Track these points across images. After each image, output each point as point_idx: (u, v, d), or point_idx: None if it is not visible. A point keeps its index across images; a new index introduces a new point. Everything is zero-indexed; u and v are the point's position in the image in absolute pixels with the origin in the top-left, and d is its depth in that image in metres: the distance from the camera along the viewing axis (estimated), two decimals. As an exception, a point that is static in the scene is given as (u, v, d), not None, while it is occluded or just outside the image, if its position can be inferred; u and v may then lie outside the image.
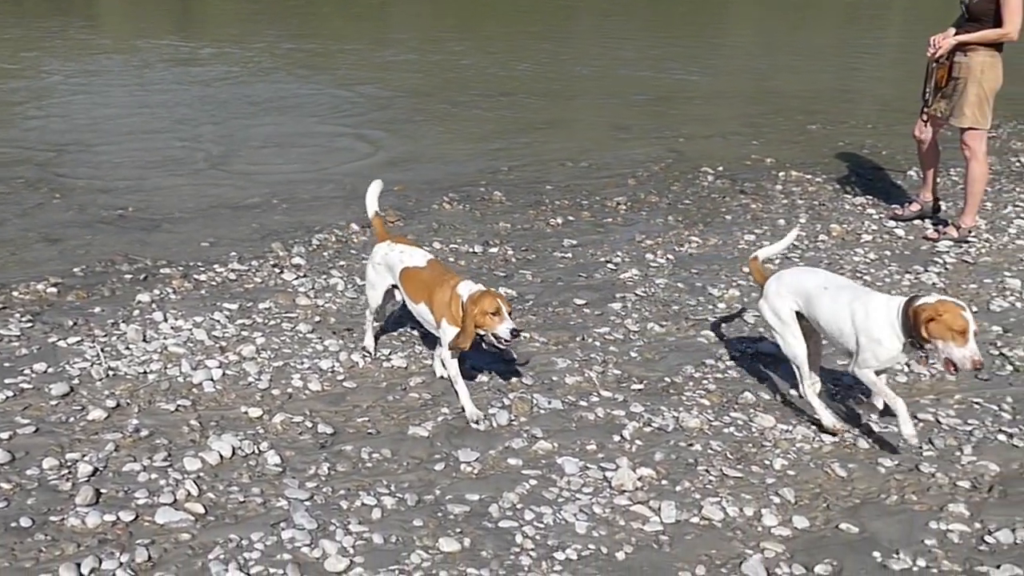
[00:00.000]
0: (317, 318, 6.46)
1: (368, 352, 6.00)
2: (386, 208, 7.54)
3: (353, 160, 10.25)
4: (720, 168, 9.68)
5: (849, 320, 4.98)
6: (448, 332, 5.32)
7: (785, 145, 10.61)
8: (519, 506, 4.59)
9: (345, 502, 4.55)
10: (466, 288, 5.28)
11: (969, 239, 7.99)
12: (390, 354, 6.01)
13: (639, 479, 4.81)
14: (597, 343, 6.23)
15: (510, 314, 5.18)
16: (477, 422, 5.25)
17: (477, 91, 13.55)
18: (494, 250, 7.65)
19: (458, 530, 4.41)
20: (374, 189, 5.98)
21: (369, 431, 5.18)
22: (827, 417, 5.16)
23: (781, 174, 9.58)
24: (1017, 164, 10.19)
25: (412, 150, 10.60)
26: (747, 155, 10.14)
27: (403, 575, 4.09)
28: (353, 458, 4.91)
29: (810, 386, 5.29)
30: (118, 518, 4.33)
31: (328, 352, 6.00)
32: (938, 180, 8.49)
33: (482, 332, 5.19)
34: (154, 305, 6.53)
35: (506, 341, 5.12)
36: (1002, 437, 5.30)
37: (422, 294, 5.46)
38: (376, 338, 6.12)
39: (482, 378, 5.74)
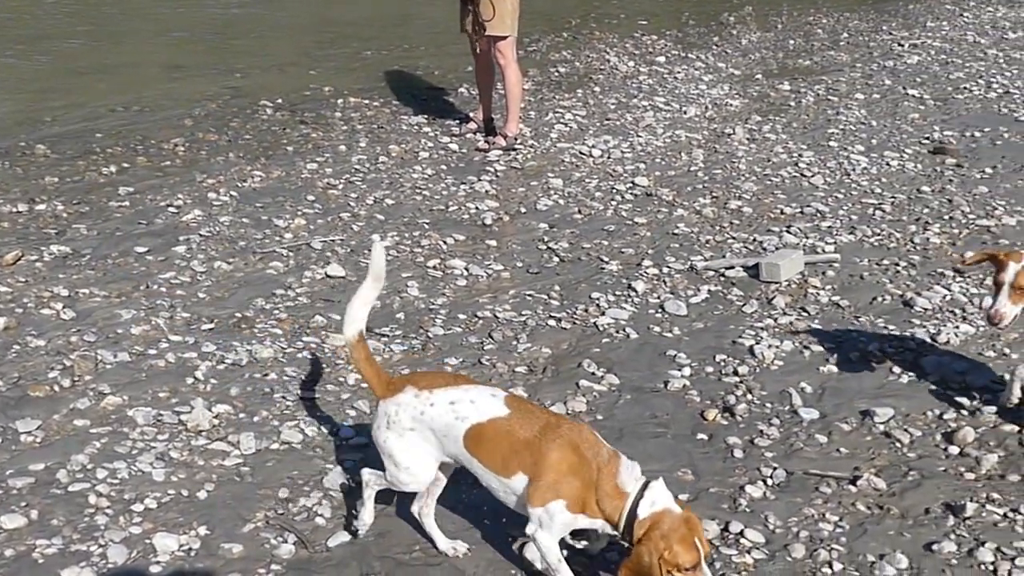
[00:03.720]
0: None
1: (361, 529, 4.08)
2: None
3: None
4: (279, 100, 9.61)
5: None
6: (562, 518, 3.55)
7: (342, 73, 10.71)
8: (90, 466, 4.40)
9: None
10: (645, 494, 3.46)
11: (516, 146, 8.56)
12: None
13: (215, 417, 4.78)
14: (163, 289, 6.03)
15: (710, 564, 3.67)
16: None
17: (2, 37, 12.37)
18: (41, 207, 7.13)
19: (23, 504, 4.15)
20: (366, 295, 3.95)
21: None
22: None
23: (340, 101, 9.68)
24: (556, 74, 10.98)
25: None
26: (305, 85, 10.13)
27: (-38, 561, 3.81)
28: None
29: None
30: None
31: None
32: (493, 95, 8.97)
33: None
34: None
35: None
36: (552, 322, 5.81)
37: (517, 461, 3.59)
38: None
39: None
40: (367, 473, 3.98)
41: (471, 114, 9.32)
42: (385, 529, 4.10)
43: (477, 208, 7.39)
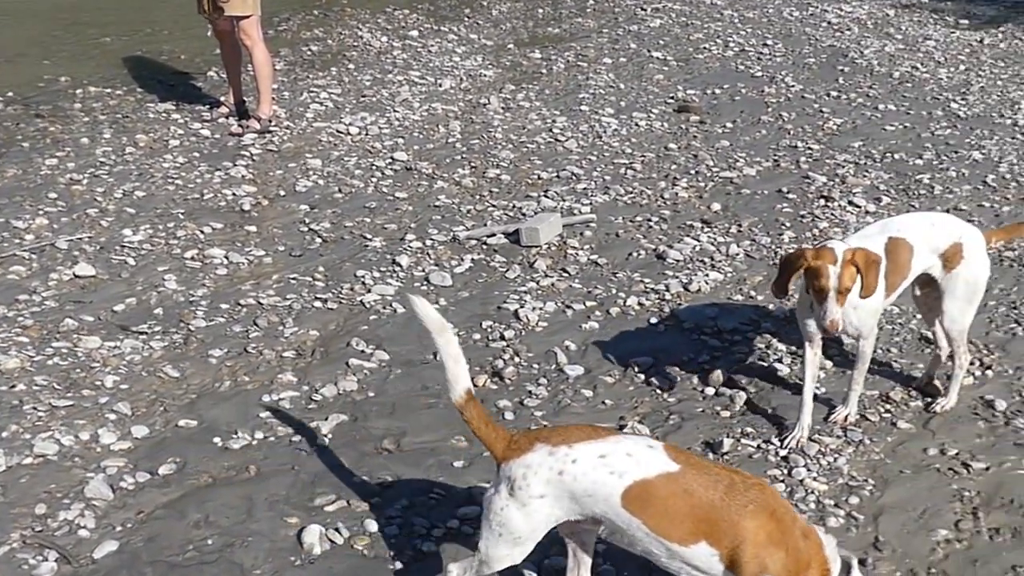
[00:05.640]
0: None
1: None
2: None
3: None
4: (10, 94, 8.99)
5: None
6: None
7: (80, 61, 10.12)
8: None
9: None
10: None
11: (271, 128, 8.36)
12: None
13: (-42, 438, 4.46)
14: None
15: None
16: None
17: None
18: None
19: None
20: (449, 351, 3.38)
21: None
22: None
23: (79, 91, 9.15)
24: (308, 53, 10.78)
25: None
26: (39, 76, 9.51)
27: None
28: None
29: None
30: None
31: None
32: (242, 77, 8.70)
33: None
34: None
35: None
36: (318, 304, 5.74)
37: (698, 526, 3.09)
38: None
39: None
40: (456, 569, 3.40)
41: (222, 98, 9.03)
42: (154, 532, 3.95)
43: (234, 194, 7.18)
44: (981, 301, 4.77)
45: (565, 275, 6.11)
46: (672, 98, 9.49)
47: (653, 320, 5.61)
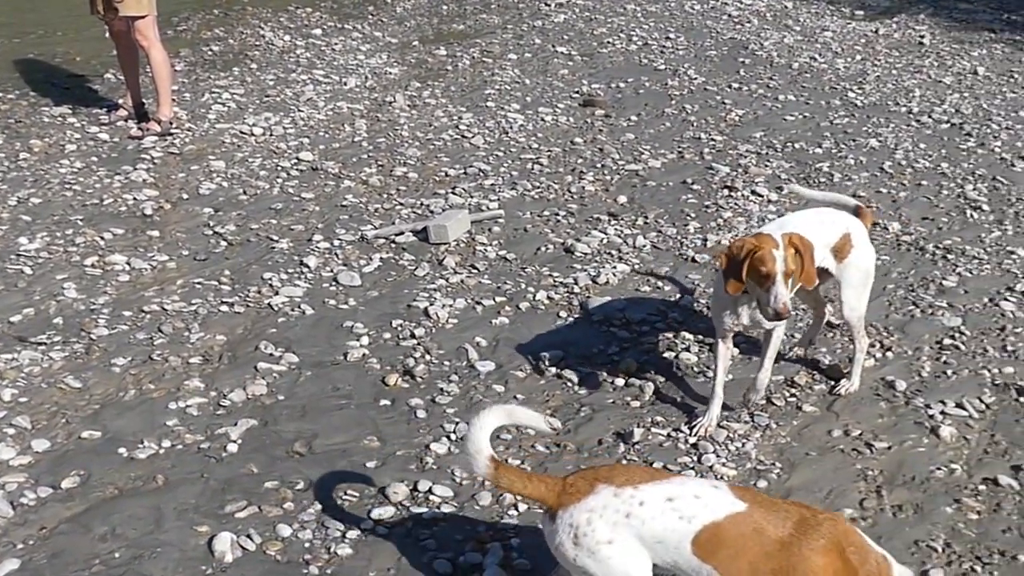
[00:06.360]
0: None
1: None
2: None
3: None
4: None
5: None
6: None
7: (-33, 66, 9.82)
8: None
9: None
10: None
11: (172, 131, 8.19)
12: None
13: None
14: None
15: None
16: None
17: None
18: None
19: None
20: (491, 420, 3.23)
21: None
22: None
23: (-32, 97, 8.87)
24: (210, 53, 10.59)
25: None
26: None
27: None
28: None
29: None
30: None
31: None
32: (140, 79, 8.50)
33: None
34: None
35: None
36: (224, 308, 5.64)
37: (770, 567, 2.96)
38: None
39: None
40: None
41: (120, 101, 8.80)
42: (58, 548, 3.84)
43: (135, 198, 7.01)
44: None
45: (474, 271, 6.11)
46: (577, 93, 9.55)
47: (562, 314, 5.64)
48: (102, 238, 6.41)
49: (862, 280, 4.79)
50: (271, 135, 8.28)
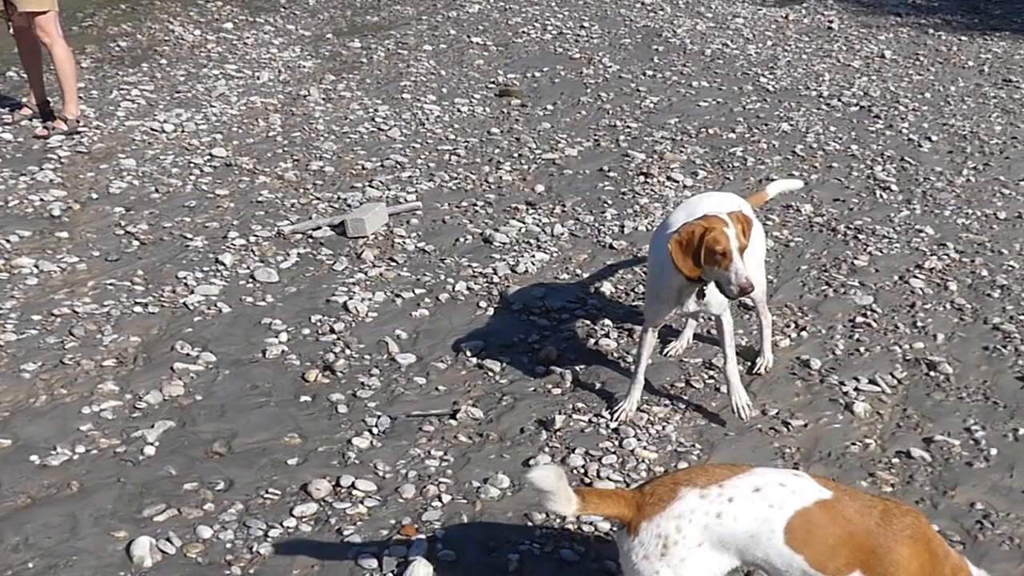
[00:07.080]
0: None
1: None
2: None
3: None
4: None
5: None
6: None
7: None
8: None
9: None
10: None
11: (79, 129, 8.00)
12: None
13: None
14: None
15: None
16: None
17: None
18: None
19: None
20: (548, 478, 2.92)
21: None
22: None
23: None
24: (117, 49, 10.36)
25: None
26: None
27: None
28: None
29: None
30: None
31: None
32: (44, 77, 8.28)
33: None
34: None
35: None
36: (138, 309, 5.53)
37: (853, 555, 2.89)
38: None
39: None
40: None
41: (23, 99, 8.57)
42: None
43: (42, 199, 6.83)
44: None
45: (393, 264, 6.08)
46: (493, 83, 9.55)
47: (482, 303, 5.64)
48: (8, 241, 6.23)
49: (759, 257, 4.85)
50: (183, 131, 8.13)
